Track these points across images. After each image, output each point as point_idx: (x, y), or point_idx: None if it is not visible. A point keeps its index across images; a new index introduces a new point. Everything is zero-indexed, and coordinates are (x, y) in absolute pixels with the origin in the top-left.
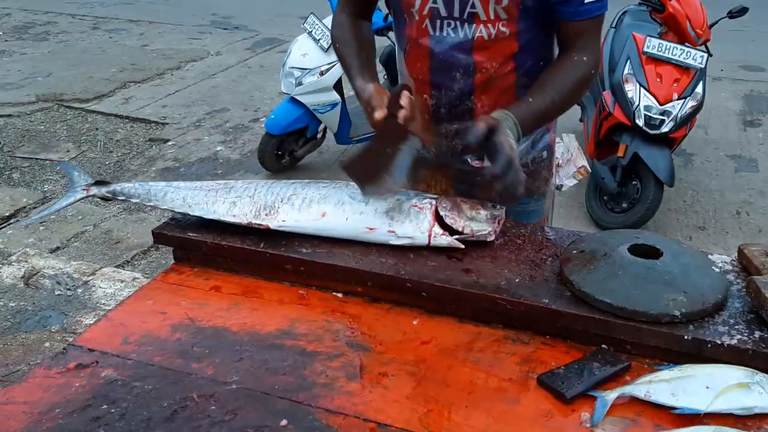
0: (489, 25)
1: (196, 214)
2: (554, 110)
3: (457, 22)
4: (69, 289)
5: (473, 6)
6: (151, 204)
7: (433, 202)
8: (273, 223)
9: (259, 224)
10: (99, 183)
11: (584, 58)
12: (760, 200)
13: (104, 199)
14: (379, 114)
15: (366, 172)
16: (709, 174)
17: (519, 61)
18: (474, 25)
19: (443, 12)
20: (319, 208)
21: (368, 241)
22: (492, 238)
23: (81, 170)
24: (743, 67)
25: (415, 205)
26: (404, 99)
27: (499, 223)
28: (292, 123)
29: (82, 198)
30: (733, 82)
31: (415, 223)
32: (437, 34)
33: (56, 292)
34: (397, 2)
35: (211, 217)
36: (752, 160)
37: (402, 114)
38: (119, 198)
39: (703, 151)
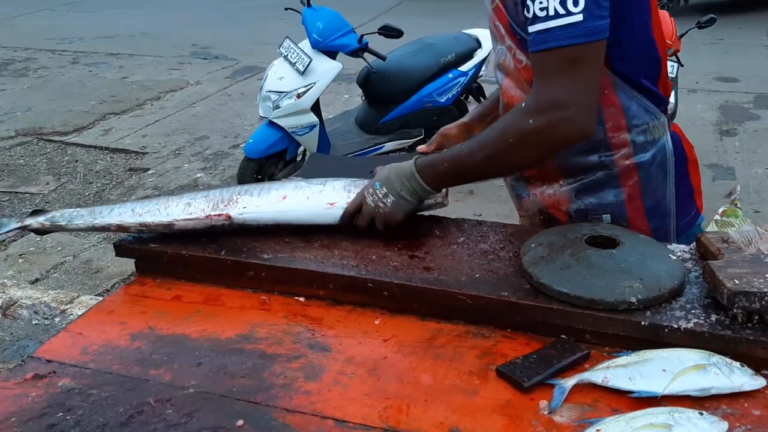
0: (506, 49)
1: (148, 221)
2: (474, 164)
3: (497, 44)
4: (47, 318)
5: (495, 26)
6: (98, 224)
7: None
8: (233, 211)
9: (219, 215)
10: (36, 212)
11: (522, 104)
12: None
13: (40, 232)
14: (422, 148)
15: None
16: None
17: None
18: (500, 45)
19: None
20: (279, 193)
21: (328, 222)
22: (446, 200)
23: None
24: (718, 78)
25: None
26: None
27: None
28: (271, 146)
29: (16, 228)
30: (709, 94)
31: None
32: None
33: (34, 322)
34: None
35: (164, 221)
36: (729, 168)
37: None
38: (60, 224)
39: None
